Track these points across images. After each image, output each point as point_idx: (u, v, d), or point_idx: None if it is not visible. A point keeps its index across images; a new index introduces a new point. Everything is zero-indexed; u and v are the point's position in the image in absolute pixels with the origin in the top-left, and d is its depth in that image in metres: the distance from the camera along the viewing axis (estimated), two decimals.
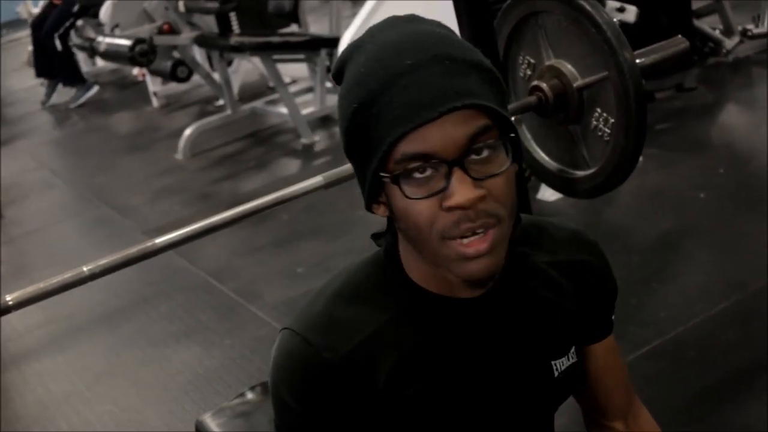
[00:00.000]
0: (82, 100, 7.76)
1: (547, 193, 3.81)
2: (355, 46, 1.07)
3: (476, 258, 1.02)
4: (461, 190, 0.98)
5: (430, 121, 0.97)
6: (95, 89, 7.86)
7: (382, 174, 1.02)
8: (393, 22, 1.07)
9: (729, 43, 5.28)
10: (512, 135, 1.03)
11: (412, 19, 1.07)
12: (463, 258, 1.02)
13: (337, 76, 1.09)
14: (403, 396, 1.10)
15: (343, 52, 1.09)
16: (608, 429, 1.37)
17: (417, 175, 1.00)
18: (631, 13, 3.84)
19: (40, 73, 8.04)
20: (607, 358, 1.31)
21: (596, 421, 1.38)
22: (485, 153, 1.00)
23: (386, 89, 0.99)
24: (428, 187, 1.00)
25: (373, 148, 1.01)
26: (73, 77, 7.83)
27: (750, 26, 5.31)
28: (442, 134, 0.98)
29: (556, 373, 1.20)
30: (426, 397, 1.11)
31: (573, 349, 1.22)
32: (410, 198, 1.01)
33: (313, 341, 1.09)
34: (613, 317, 1.32)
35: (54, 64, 7.74)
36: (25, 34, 10.59)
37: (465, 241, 1.01)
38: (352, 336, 1.09)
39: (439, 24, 1.08)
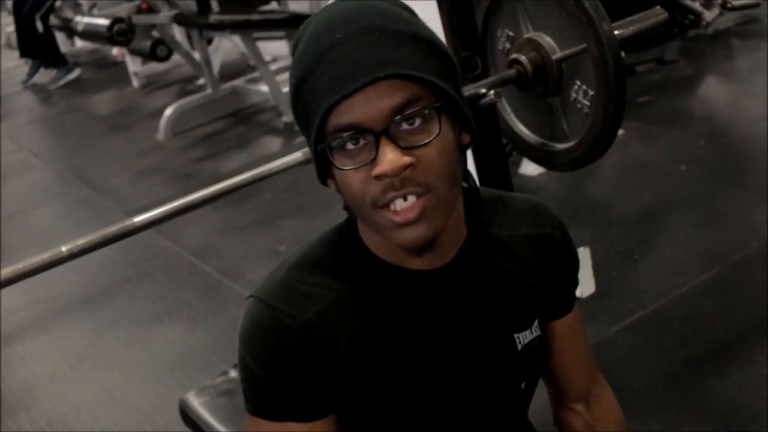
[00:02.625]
0: (62, 82, 7.69)
1: (530, 168, 3.81)
2: (306, 23, 1.08)
3: (407, 225, 1.03)
4: (386, 159, 0.99)
5: (354, 92, 0.98)
6: (76, 72, 7.78)
7: (319, 146, 1.04)
8: None
9: (709, 15, 5.27)
10: (455, 104, 1.05)
11: None
12: (396, 225, 1.03)
13: (294, 53, 1.10)
14: (362, 366, 1.11)
15: (299, 29, 1.10)
16: (570, 410, 1.37)
17: (349, 146, 1.02)
18: None
19: (24, 53, 7.96)
20: (568, 337, 1.31)
21: (560, 402, 1.38)
22: (416, 122, 1.01)
23: (318, 63, 1.01)
24: (360, 158, 1.02)
25: (311, 122, 1.03)
26: (55, 59, 7.75)
27: None
28: (367, 105, 0.99)
29: (520, 346, 1.21)
30: (384, 368, 1.12)
31: (536, 323, 1.23)
32: (341, 169, 1.03)
33: (275, 307, 1.10)
34: (576, 294, 1.33)
35: (35, 45, 7.66)
36: (3, 15, 10.50)
37: (393, 208, 1.02)
38: (312, 304, 1.10)
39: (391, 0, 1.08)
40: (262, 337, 1.11)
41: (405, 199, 1.02)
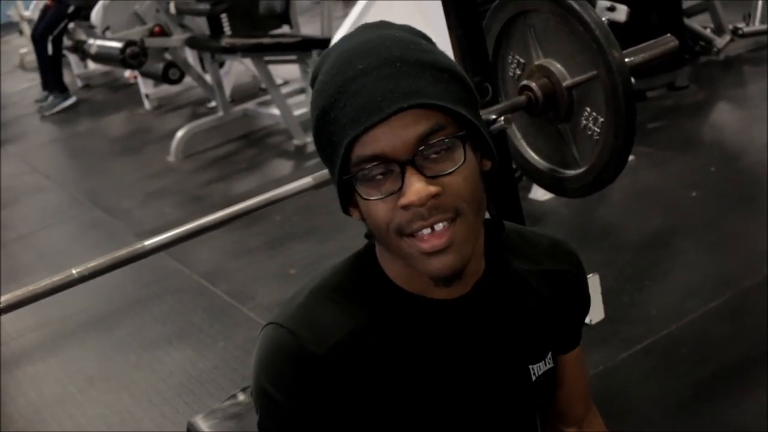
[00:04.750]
0: (57, 109, 7.64)
1: (539, 193, 3.81)
2: (325, 54, 1.09)
3: (435, 254, 1.03)
4: (413, 188, 1.00)
5: (378, 123, 0.99)
6: (72, 99, 7.76)
7: (344, 177, 1.04)
8: (362, 29, 1.09)
9: (720, 41, 5.29)
10: (477, 131, 1.05)
11: (381, 26, 1.09)
12: (424, 254, 1.04)
13: (313, 84, 1.11)
14: (380, 395, 1.11)
15: (317, 61, 1.11)
16: None
17: (375, 176, 1.02)
18: (621, 12, 3.84)
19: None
20: (572, 368, 1.32)
21: (553, 425, 1.39)
22: (441, 151, 1.02)
23: (341, 95, 1.02)
24: (385, 187, 1.02)
25: (335, 153, 1.03)
26: (55, 83, 7.73)
27: (741, 24, 5.32)
28: (392, 135, 1.00)
29: (534, 377, 1.21)
30: (401, 397, 1.11)
31: (549, 355, 1.24)
32: (367, 199, 1.03)
33: (298, 333, 1.09)
34: (582, 329, 1.34)
35: (41, 66, 7.68)
36: (16, 36, 10.58)
37: (421, 236, 1.03)
38: (333, 332, 1.10)
39: (408, 29, 1.10)
40: (284, 363, 1.09)
41: (432, 228, 1.02)
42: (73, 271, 1.59)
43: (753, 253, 3.18)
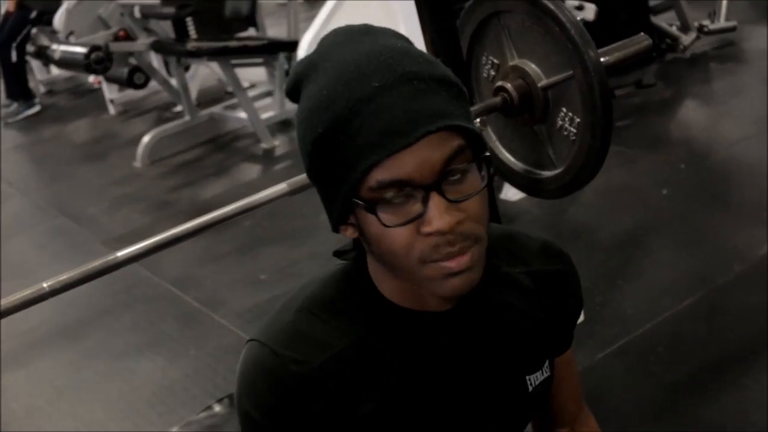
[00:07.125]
0: (21, 116, 7.55)
1: (510, 193, 3.80)
2: (310, 63, 1.03)
3: (459, 273, 0.99)
4: (440, 215, 0.96)
5: (404, 147, 0.94)
6: (37, 108, 7.68)
7: (356, 201, 0.98)
8: (347, 35, 1.03)
9: (686, 39, 5.33)
10: (486, 153, 1.01)
11: (368, 31, 1.03)
12: (445, 275, 1.00)
13: (293, 94, 1.05)
14: (373, 411, 1.08)
15: (297, 68, 1.05)
16: None
17: (394, 200, 0.97)
18: (590, 11, 3.85)
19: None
20: (565, 370, 1.30)
21: (545, 427, 1.38)
22: (460, 173, 0.98)
23: (355, 114, 0.95)
24: (404, 213, 0.97)
25: (344, 175, 0.97)
26: (20, 91, 7.63)
27: (706, 22, 5.37)
28: (418, 160, 0.94)
29: (530, 388, 1.19)
30: (395, 413, 1.09)
31: (547, 364, 1.22)
32: (387, 226, 0.97)
33: (280, 353, 1.06)
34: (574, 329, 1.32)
35: (5, 74, 7.58)
36: None
37: (447, 263, 0.99)
38: (320, 351, 1.06)
39: (394, 34, 1.05)
40: (264, 383, 1.06)
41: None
42: (44, 285, 1.55)
43: (725, 250, 3.20)
